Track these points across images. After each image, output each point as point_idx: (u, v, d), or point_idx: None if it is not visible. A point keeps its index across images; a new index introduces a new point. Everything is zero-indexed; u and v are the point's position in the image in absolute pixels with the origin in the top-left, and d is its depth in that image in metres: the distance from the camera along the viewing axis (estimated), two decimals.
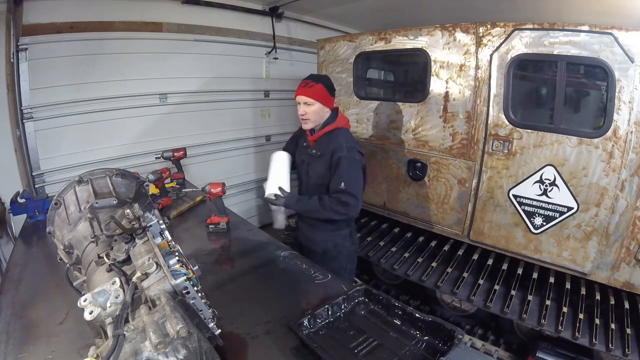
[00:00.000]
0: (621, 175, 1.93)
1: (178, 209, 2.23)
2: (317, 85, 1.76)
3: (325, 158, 1.78)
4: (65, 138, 2.69)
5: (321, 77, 1.85)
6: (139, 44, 2.92)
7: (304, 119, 1.80)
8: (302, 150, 1.94)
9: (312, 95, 1.75)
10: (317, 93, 1.76)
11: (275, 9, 3.74)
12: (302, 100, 1.78)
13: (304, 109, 1.78)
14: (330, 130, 1.81)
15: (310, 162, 1.87)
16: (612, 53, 1.84)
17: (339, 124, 1.84)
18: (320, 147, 1.82)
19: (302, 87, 1.78)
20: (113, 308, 0.74)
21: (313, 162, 1.85)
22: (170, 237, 0.96)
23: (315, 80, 1.80)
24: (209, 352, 0.81)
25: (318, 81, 1.78)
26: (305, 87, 1.76)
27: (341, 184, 1.71)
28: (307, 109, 1.77)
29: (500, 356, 2.47)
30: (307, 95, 1.75)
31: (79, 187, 1.22)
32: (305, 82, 1.79)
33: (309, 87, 1.76)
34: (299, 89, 1.78)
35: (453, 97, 2.46)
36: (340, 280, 1.52)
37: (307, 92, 1.76)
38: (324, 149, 1.80)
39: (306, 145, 1.90)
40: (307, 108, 1.77)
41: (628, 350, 1.94)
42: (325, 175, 1.80)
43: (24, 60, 2.40)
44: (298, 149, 1.99)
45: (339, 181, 1.72)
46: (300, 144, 1.97)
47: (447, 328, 1.11)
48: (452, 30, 2.38)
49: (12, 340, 1.10)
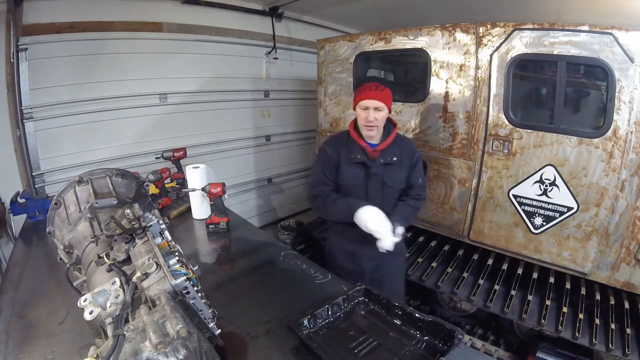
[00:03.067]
0: (621, 175, 1.93)
1: (178, 209, 2.23)
2: (387, 89, 1.63)
3: (404, 162, 1.71)
4: (65, 138, 2.69)
5: (384, 80, 1.78)
6: (139, 44, 2.92)
7: (371, 125, 1.63)
8: (359, 166, 1.70)
9: (384, 100, 1.60)
10: (388, 97, 1.63)
11: (275, 9, 3.74)
12: (372, 105, 1.60)
13: (373, 115, 1.60)
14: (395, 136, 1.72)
15: (385, 173, 1.70)
16: (612, 53, 1.84)
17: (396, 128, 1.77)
18: (394, 153, 1.69)
19: (373, 91, 1.60)
20: (113, 308, 0.74)
21: (389, 170, 1.70)
22: (170, 237, 0.96)
23: (383, 83, 1.66)
24: (209, 352, 0.81)
25: (385, 85, 1.65)
26: (377, 90, 1.60)
27: (419, 180, 1.76)
28: (378, 114, 1.61)
29: (500, 356, 2.47)
30: (380, 100, 1.59)
31: (79, 187, 1.22)
32: (374, 85, 1.62)
33: (380, 90, 1.60)
34: (369, 92, 1.61)
35: (453, 97, 2.46)
36: (340, 280, 1.52)
37: (380, 95, 1.59)
38: (398, 153, 1.69)
39: (365, 158, 1.69)
40: (377, 114, 1.60)
41: (628, 350, 1.94)
42: (405, 179, 1.74)
43: (24, 60, 2.39)
44: (349, 167, 1.72)
45: (417, 178, 1.75)
46: (349, 161, 1.71)
47: (447, 328, 1.11)
48: (452, 30, 2.38)
49: (12, 340, 1.10)
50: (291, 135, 4.39)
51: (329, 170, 1.75)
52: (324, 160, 1.77)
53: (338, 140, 1.80)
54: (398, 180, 1.73)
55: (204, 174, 2.11)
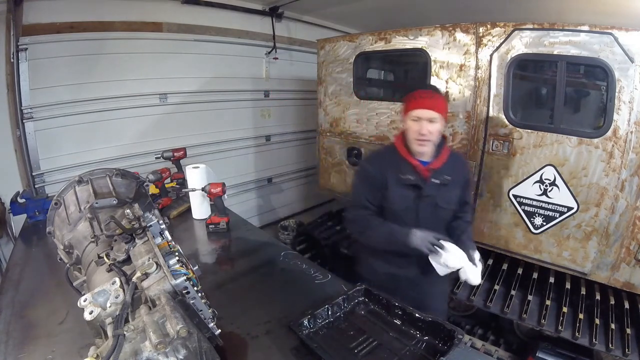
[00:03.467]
0: (621, 175, 1.93)
1: (178, 209, 2.23)
2: (442, 98, 1.46)
3: (458, 180, 1.55)
4: (65, 138, 2.69)
5: (435, 88, 1.59)
6: (139, 44, 2.92)
7: (425, 139, 1.41)
8: (410, 187, 1.49)
9: (439, 110, 1.41)
10: (443, 107, 1.44)
11: (275, 9, 3.74)
12: (425, 115, 1.39)
13: (427, 127, 1.39)
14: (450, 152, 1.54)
15: (438, 193, 1.50)
16: (612, 53, 1.84)
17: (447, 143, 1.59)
18: (448, 171, 1.50)
19: (427, 99, 1.40)
20: (113, 308, 0.74)
21: (443, 191, 1.51)
22: (170, 237, 0.96)
23: (438, 91, 1.51)
24: (209, 352, 0.81)
25: (439, 92, 1.50)
26: (432, 99, 1.41)
27: (468, 197, 1.65)
28: (432, 127, 1.40)
29: (500, 356, 2.47)
30: (435, 110, 1.39)
31: (79, 187, 1.22)
32: (427, 93, 1.44)
33: (434, 98, 1.42)
34: (421, 100, 1.41)
35: (453, 97, 2.46)
36: (340, 280, 1.52)
37: (434, 104, 1.40)
38: (452, 171, 1.51)
39: (418, 178, 1.48)
40: (431, 126, 1.39)
41: (628, 350, 1.94)
42: (457, 199, 1.57)
43: (24, 60, 2.39)
44: (398, 188, 1.50)
45: (469, 195, 1.66)
46: (398, 182, 1.50)
47: (447, 328, 1.11)
48: (452, 30, 2.38)
49: (12, 340, 1.10)
50: (291, 135, 4.39)
51: (372, 193, 1.54)
52: (366, 181, 1.56)
53: (383, 157, 1.58)
54: (451, 201, 1.55)
55: (204, 174, 2.11)
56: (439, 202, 1.51)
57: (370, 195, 1.55)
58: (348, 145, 3.18)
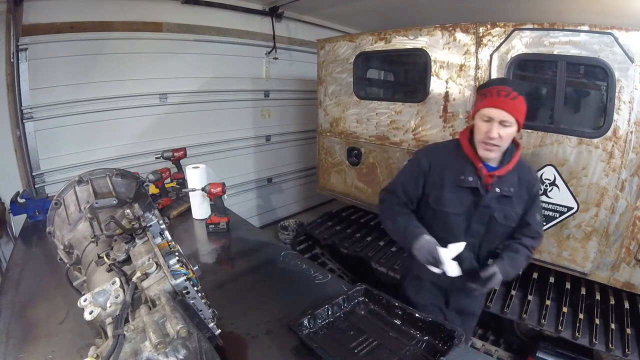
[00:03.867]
0: (621, 175, 1.93)
1: (178, 209, 2.23)
2: (520, 98, 1.23)
3: (523, 195, 1.35)
4: (65, 138, 2.69)
5: (519, 84, 1.35)
6: (139, 44, 2.92)
7: (493, 144, 1.24)
8: (468, 191, 1.33)
9: (516, 112, 1.21)
10: (520, 109, 1.23)
11: (275, 9, 3.74)
12: (498, 117, 1.21)
13: (498, 130, 1.21)
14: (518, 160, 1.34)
15: (497, 206, 1.33)
16: (612, 53, 1.84)
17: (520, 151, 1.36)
18: (512, 182, 1.33)
19: (503, 98, 1.21)
20: (113, 308, 0.74)
21: (503, 204, 1.33)
22: (170, 237, 0.96)
23: (517, 89, 1.24)
24: (209, 352, 0.81)
25: (520, 91, 1.24)
26: (507, 97, 1.20)
27: (537, 216, 1.40)
28: (504, 131, 1.22)
29: (500, 356, 2.47)
30: (511, 112, 1.20)
31: (79, 187, 1.22)
32: (505, 90, 1.22)
33: (512, 98, 1.20)
34: (496, 99, 1.21)
35: (453, 97, 2.45)
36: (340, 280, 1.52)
37: (511, 106, 1.20)
38: (517, 183, 1.33)
39: (479, 183, 1.31)
40: (503, 130, 1.21)
41: (628, 350, 1.94)
42: (519, 216, 1.37)
43: (24, 60, 2.39)
44: (454, 190, 1.35)
45: (535, 215, 1.40)
46: (455, 183, 1.34)
47: (447, 328, 1.11)
48: (452, 30, 2.38)
49: (12, 340, 1.10)
50: (291, 135, 4.40)
51: (414, 187, 1.41)
52: (413, 173, 1.42)
53: (444, 152, 1.41)
54: (511, 217, 1.36)
55: (204, 174, 2.11)
56: (496, 216, 1.34)
57: (411, 187, 1.41)
58: (348, 145, 3.18)
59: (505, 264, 1.31)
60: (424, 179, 1.40)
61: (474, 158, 1.32)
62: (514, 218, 1.37)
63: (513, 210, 1.35)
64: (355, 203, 3.32)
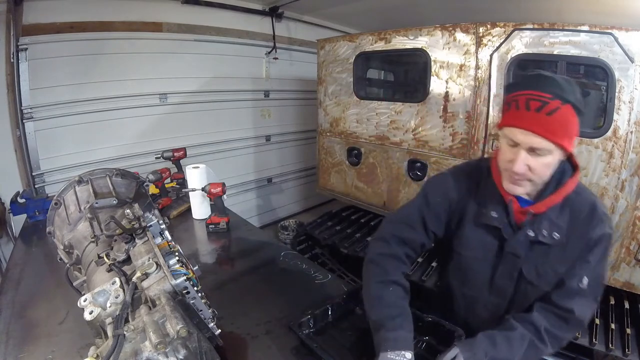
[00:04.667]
0: (621, 175, 1.93)
1: (178, 209, 2.23)
2: (565, 109, 0.81)
3: (571, 247, 0.92)
4: (65, 138, 2.69)
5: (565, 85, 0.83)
6: (139, 44, 2.92)
7: (518, 179, 0.89)
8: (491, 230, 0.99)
9: (556, 135, 0.81)
10: (566, 127, 0.82)
11: (275, 9, 3.74)
12: (527, 142, 0.83)
13: (527, 161, 0.85)
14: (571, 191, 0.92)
15: (527, 256, 0.96)
16: (612, 53, 1.84)
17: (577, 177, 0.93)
18: (554, 224, 0.92)
19: (534, 112, 0.81)
20: (113, 308, 0.74)
21: (537, 254, 0.95)
22: (170, 237, 0.96)
23: (561, 93, 0.81)
24: (209, 352, 0.81)
25: (566, 97, 0.81)
26: (541, 111, 0.80)
27: (583, 279, 0.91)
28: (537, 161, 0.84)
29: None
30: (546, 135, 0.81)
31: (79, 187, 1.22)
32: (537, 99, 0.81)
33: (548, 112, 0.80)
34: (523, 113, 0.83)
35: (453, 97, 2.45)
36: (340, 280, 1.52)
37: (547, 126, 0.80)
38: (563, 226, 0.92)
39: (505, 220, 0.96)
40: (535, 160, 0.84)
41: (628, 350, 1.94)
42: (560, 274, 0.94)
43: (24, 60, 2.39)
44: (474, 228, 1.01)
45: (579, 275, 0.91)
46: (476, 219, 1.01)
47: (447, 328, 1.10)
48: (452, 30, 2.38)
49: (12, 340, 1.10)
50: (291, 135, 4.40)
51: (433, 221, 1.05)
52: (427, 205, 1.05)
53: (469, 177, 1.05)
54: (546, 275, 0.95)
55: (204, 174, 2.11)
56: (524, 270, 0.96)
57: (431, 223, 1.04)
58: (348, 145, 3.18)
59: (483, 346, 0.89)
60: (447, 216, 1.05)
61: (502, 190, 0.95)
62: (551, 278, 0.94)
63: (551, 266, 0.94)
64: (355, 203, 3.32)
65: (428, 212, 1.05)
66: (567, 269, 0.93)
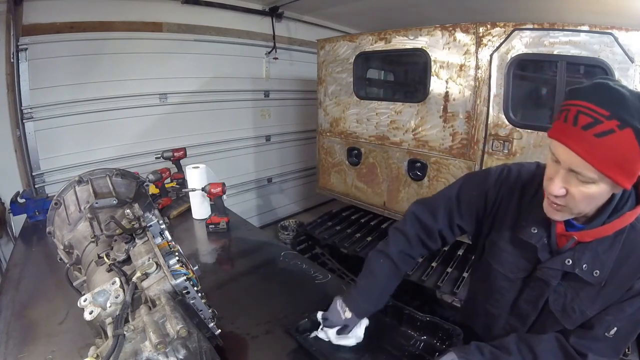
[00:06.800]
0: None
1: (178, 209, 2.23)
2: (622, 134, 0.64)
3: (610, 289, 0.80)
4: (65, 138, 2.69)
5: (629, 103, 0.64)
6: (139, 44, 2.92)
7: (558, 204, 0.77)
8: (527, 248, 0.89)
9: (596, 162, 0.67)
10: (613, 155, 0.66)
11: (275, 9, 3.74)
12: (567, 162, 0.71)
13: (564, 183, 0.73)
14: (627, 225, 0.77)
15: (559, 287, 0.86)
16: (612, 53, 1.84)
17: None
18: (598, 260, 0.80)
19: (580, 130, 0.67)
20: (113, 308, 0.74)
21: (570, 287, 0.85)
22: (170, 237, 0.96)
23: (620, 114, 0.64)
24: (209, 352, 0.81)
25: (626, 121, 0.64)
26: (588, 130, 0.66)
27: (612, 329, 0.79)
28: (577, 188, 0.72)
29: None
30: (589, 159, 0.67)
31: (79, 187, 1.22)
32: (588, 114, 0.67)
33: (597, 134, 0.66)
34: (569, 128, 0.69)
35: (453, 97, 2.46)
36: (340, 280, 1.52)
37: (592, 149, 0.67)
38: (606, 264, 0.79)
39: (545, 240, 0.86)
40: (575, 186, 0.72)
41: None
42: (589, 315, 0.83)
43: (24, 60, 2.39)
44: (510, 241, 0.93)
45: (610, 323, 0.80)
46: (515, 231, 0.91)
47: (445, 327, 1.11)
48: (452, 30, 2.38)
49: (12, 340, 1.10)
50: (291, 135, 4.40)
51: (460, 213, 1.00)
52: (457, 197, 1.01)
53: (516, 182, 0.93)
54: (572, 313, 0.84)
55: (204, 174, 2.11)
56: (550, 300, 0.87)
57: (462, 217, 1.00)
58: (348, 146, 3.19)
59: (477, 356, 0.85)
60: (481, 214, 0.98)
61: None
62: (576, 318, 0.83)
63: (579, 306, 0.83)
64: (355, 203, 3.32)
65: (457, 204, 1.00)
66: (597, 313, 0.81)
